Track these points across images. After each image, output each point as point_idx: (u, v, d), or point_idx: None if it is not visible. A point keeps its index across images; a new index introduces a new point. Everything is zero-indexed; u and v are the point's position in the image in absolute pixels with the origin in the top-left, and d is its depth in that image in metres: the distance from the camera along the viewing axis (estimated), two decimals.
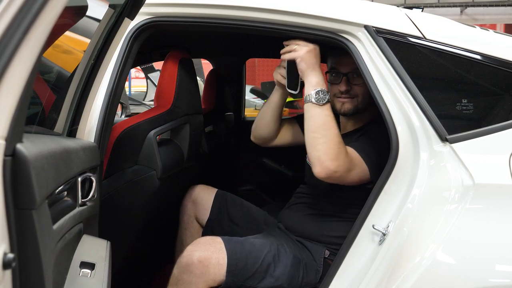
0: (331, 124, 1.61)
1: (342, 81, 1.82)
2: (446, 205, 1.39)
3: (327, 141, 1.59)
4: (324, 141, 1.59)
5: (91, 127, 1.55)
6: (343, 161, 1.59)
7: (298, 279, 1.74)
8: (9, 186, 0.80)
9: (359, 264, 1.51)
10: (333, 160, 1.57)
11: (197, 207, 2.10)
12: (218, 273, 1.65)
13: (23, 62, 0.79)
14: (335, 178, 1.61)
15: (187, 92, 2.01)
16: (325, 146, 1.58)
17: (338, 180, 1.63)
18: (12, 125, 0.79)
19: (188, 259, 1.66)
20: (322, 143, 1.59)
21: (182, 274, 1.65)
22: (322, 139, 1.59)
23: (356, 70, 1.74)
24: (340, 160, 1.58)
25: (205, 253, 1.66)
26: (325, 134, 1.59)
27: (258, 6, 1.62)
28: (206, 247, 1.69)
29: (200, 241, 1.76)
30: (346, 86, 1.82)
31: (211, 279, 1.65)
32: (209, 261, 1.65)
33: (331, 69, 1.88)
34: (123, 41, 1.61)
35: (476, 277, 1.34)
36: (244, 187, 3.20)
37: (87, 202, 1.31)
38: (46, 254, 0.91)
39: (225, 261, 1.67)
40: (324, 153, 1.58)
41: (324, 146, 1.58)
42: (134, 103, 5.91)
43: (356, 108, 1.82)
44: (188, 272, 1.64)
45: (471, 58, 1.54)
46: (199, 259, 1.65)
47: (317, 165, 1.59)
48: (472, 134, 1.46)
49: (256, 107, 7.31)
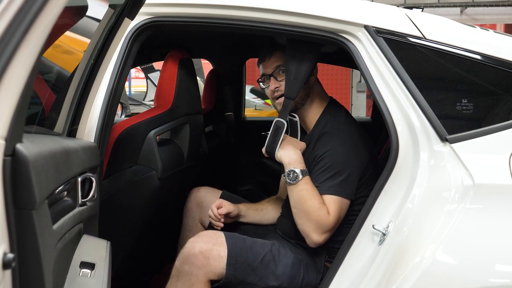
0: (306, 196, 1.69)
1: (271, 81, 1.89)
2: (446, 205, 1.39)
3: (306, 214, 1.69)
4: (303, 215, 1.70)
5: (91, 127, 1.55)
6: (325, 224, 1.68)
7: (298, 279, 1.74)
8: (9, 186, 0.80)
9: (359, 264, 1.51)
10: (316, 231, 1.68)
11: (202, 210, 2.10)
12: (219, 265, 1.66)
13: (23, 62, 0.79)
14: (330, 235, 1.71)
15: (187, 92, 2.01)
16: (305, 219, 1.70)
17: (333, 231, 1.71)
18: (12, 125, 0.78)
19: (190, 250, 1.67)
20: (302, 217, 1.71)
21: (183, 265, 1.66)
22: (301, 213, 1.71)
23: (278, 67, 1.86)
24: (323, 225, 1.67)
25: (207, 245, 1.68)
26: (302, 208, 1.70)
27: (258, 6, 1.62)
28: (207, 240, 1.70)
29: (202, 234, 1.78)
30: (275, 84, 1.88)
31: (211, 271, 1.66)
32: (210, 252, 1.66)
33: (260, 76, 1.96)
34: (123, 41, 1.61)
35: (476, 277, 1.34)
36: (244, 187, 3.20)
37: (87, 202, 1.31)
38: (46, 254, 0.91)
39: (226, 254, 1.68)
40: (306, 226, 1.70)
41: (304, 220, 1.70)
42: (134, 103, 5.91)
43: (295, 103, 1.86)
44: (189, 263, 1.65)
45: (471, 58, 1.54)
46: (201, 250, 1.66)
47: (307, 238, 1.72)
48: (472, 134, 1.46)
49: (256, 107, 7.30)
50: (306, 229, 1.70)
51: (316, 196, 1.69)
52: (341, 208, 1.71)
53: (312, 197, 1.68)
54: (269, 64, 1.90)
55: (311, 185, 1.71)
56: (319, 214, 1.67)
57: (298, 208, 1.71)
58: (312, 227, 1.68)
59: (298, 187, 1.70)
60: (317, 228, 1.67)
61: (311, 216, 1.67)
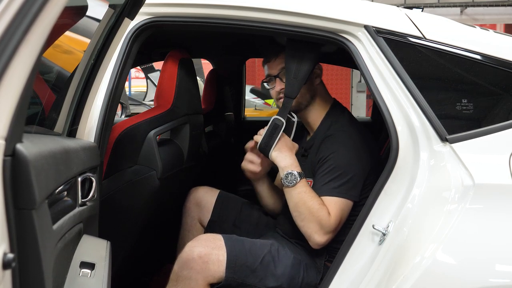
0: (305, 198, 1.69)
1: (276, 82, 1.90)
2: (446, 205, 1.39)
3: (307, 216, 1.69)
4: (304, 217, 1.70)
5: (91, 127, 1.55)
6: (327, 225, 1.68)
7: (298, 280, 1.74)
8: (9, 186, 0.80)
9: (359, 264, 1.51)
10: (318, 232, 1.68)
11: (201, 210, 2.10)
12: (218, 269, 1.66)
13: (23, 62, 0.79)
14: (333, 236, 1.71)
15: (187, 92, 2.01)
16: (306, 221, 1.69)
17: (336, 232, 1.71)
18: (12, 125, 0.78)
19: (189, 254, 1.66)
20: (303, 219, 1.70)
21: (182, 270, 1.66)
22: (302, 215, 1.70)
23: (284, 69, 1.85)
24: (324, 226, 1.67)
25: (205, 249, 1.67)
26: (302, 210, 1.70)
27: (258, 6, 1.62)
28: (206, 244, 1.70)
29: (200, 238, 1.77)
30: (280, 85, 1.88)
31: (210, 275, 1.65)
32: (209, 257, 1.66)
33: (266, 77, 1.96)
34: (123, 41, 1.61)
35: (476, 277, 1.34)
36: (244, 187, 3.19)
37: (87, 202, 1.31)
38: (46, 254, 0.91)
39: (225, 257, 1.67)
40: (308, 228, 1.70)
41: (305, 221, 1.70)
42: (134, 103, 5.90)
43: (298, 103, 1.87)
44: (188, 268, 1.65)
45: (471, 58, 1.54)
46: (199, 255, 1.65)
47: (310, 240, 1.72)
48: (472, 134, 1.46)
49: (256, 107, 7.29)
50: (308, 231, 1.70)
51: (315, 197, 1.69)
52: (343, 210, 1.71)
53: (311, 199, 1.69)
54: (275, 65, 1.90)
55: (309, 187, 1.72)
56: (320, 215, 1.67)
57: (298, 211, 1.71)
58: (314, 229, 1.68)
59: (296, 190, 1.70)
60: (319, 229, 1.67)
61: (312, 217, 1.67)
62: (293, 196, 1.72)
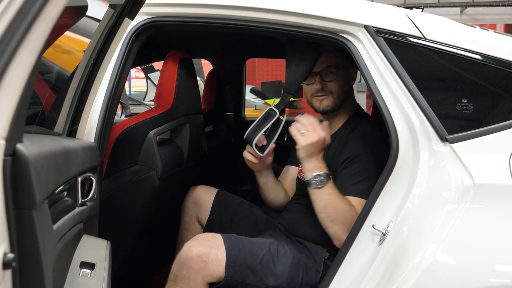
0: (335, 200, 1.68)
1: (316, 80, 1.89)
2: (446, 205, 1.39)
3: (337, 217, 1.67)
4: (334, 218, 1.68)
5: (91, 127, 1.55)
6: None
7: (298, 279, 1.74)
8: (9, 186, 0.80)
9: (359, 264, 1.51)
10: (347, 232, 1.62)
11: (199, 208, 2.10)
12: (217, 269, 1.66)
13: (23, 62, 0.79)
14: None
15: (187, 92, 2.01)
16: (335, 222, 1.68)
17: None
18: (12, 125, 0.79)
19: (187, 254, 1.66)
20: (332, 220, 1.68)
21: (181, 270, 1.66)
22: (331, 216, 1.68)
23: (327, 68, 1.86)
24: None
25: (204, 248, 1.67)
26: (332, 211, 1.68)
27: (258, 6, 1.62)
28: (205, 243, 1.69)
29: (199, 237, 1.76)
30: (320, 84, 1.88)
31: (209, 274, 1.65)
32: (207, 256, 1.65)
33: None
34: (123, 41, 1.61)
35: (476, 277, 1.34)
36: (244, 187, 3.19)
37: (87, 202, 1.31)
38: (46, 254, 0.91)
39: (224, 257, 1.67)
40: (337, 229, 1.68)
41: (335, 222, 1.68)
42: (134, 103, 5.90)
43: (334, 104, 1.89)
44: (187, 267, 1.64)
45: (471, 58, 1.54)
46: (198, 254, 1.65)
47: (338, 240, 1.69)
48: (472, 134, 1.46)
49: (256, 107, 7.30)
50: (338, 232, 1.68)
51: (343, 198, 1.70)
52: None
53: (341, 200, 1.69)
54: (319, 63, 1.87)
55: (336, 188, 1.71)
56: (350, 215, 1.66)
57: (327, 212, 1.69)
58: (344, 229, 1.66)
59: (326, 191, 1.69)
60: (348, 229, 1.64)
61: (342, 218, 1.67)
62: (322, 198, 1.70)
